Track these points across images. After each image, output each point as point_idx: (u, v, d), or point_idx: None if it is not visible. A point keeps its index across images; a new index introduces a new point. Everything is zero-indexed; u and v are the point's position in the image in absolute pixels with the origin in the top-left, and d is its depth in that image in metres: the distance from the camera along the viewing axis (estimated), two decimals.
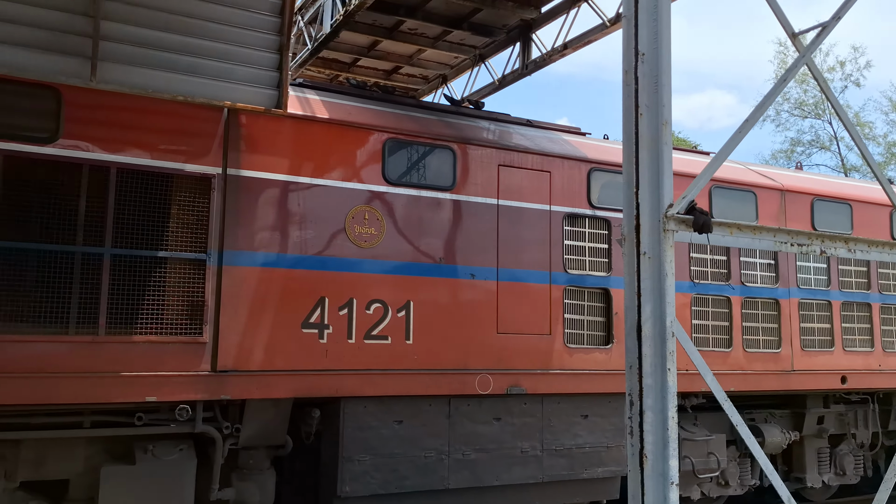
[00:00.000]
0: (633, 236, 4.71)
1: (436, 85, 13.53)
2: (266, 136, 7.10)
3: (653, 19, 4.78)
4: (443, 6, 10.65)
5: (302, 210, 7.16)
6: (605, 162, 8.88)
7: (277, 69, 6.90)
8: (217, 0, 6.68)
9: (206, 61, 6.57)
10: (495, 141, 8.36)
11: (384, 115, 7.97)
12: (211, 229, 6.69)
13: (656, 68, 4.75)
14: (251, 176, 6.97)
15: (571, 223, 8.53)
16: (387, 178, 7.60)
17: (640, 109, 4.73)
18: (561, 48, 10.57)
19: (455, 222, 7.88)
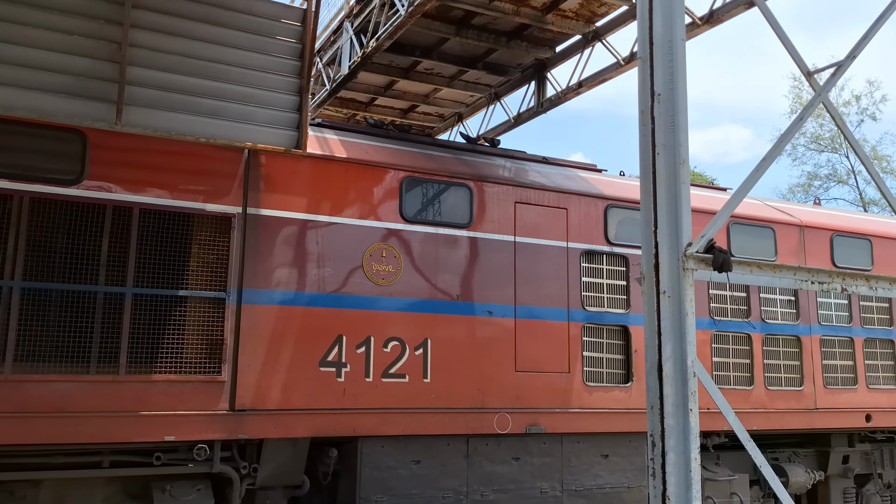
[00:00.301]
0: (652, 275, 4.71)
1: (451, 123, 13.70)
2: (285, 175, 7.20)
3: (668, 60, 4.83)
4: (458, 47, 10.85)
5: (320, 248, 7.22)
6: (622, 199, 8.91)
7: (297, 111, 7.03)
8: (239, 45, 6.85)
9: (227, 104, 6.70)
10: (512, 178, 8.43)
11: (401, 153, 8.07)
12: (230, 268, 6.76)
13: (672, 108, 4.79)
14: (270, 215, 7.05)
15: (589, 260, 8.54)
16: (404, 215, 7.66)
17: (656, 149, 4.76)
18: (576, 86, 10.69)
19: (472, 259, 7.92)
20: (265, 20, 7.02)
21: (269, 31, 7.03)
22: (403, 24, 8.73)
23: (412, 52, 10.96)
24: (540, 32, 10.40)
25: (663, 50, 4.80)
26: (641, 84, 4.92)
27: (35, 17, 6.05)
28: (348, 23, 10.23)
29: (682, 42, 4.81)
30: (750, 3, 8.29)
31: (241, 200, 6.94)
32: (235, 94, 6.77)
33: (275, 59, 7.01)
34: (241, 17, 6.92)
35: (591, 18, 9.99)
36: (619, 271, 8.69)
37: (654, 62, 4.86)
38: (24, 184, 6.17)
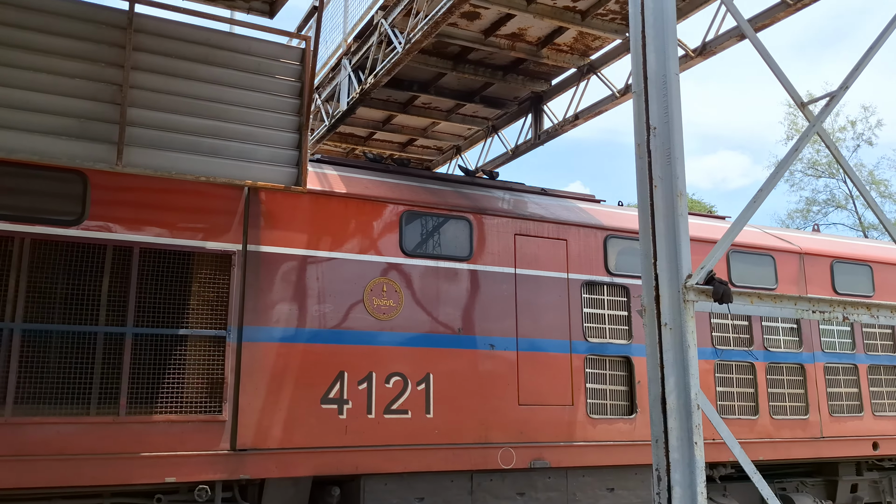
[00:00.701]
0: (653, 307, 4.72)
1: (450, 156, 13.79)
2: (285, 211, 7.24)
3: (662, 94, 4.90)
4: (455, 81, 10.97)
5: (321, 284, 7.23)
6: (621, 229, 8.95)
7: (297, 148, 7.09)
8: (239, 84, 6.93)
9: (228, 143, 6.76)
10: (511, 210, 8.48)
11: (400, 187, 8.13)
12: (231, 306, 6.76)
13: (668, 141, 4.85)
14: (271, 251, 7.07)
15: (590, 291, 8.55)
16: (404, 249, 7.68)
17: (654, 182, 4.81)
18: (572, 118, 10.79)
19: (473, 292, 7.93)
20: (264, 60, 7.10)
21: (268, 71, 7.11)
22: (401, 60, 8.84)
23: (410, 87, 11.08)
24: (535, 66, 10.52)
25: (657, 84, 4.87)
26: (637, 118, 4.98)
27: (38, 62, 6.14)
28: (346, 60, 10.36)
29: (675, 76, 4.88)
30: (741, 36, 8.42)
31: (242, 237, 6.97)
32: (235, 132, 6.83)
33: (274, 97, 7.08)
34: (241, 57, 7.00)
35: (586, 52, 10.11)
36: (620, 301, 8.68)
37: (648, 96, 4.93)
38: (25, 225, 6.20)
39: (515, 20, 9.22)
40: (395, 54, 8.86)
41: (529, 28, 9.47)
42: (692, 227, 9.35)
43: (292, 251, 7.18)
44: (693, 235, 9.03)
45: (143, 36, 6.58)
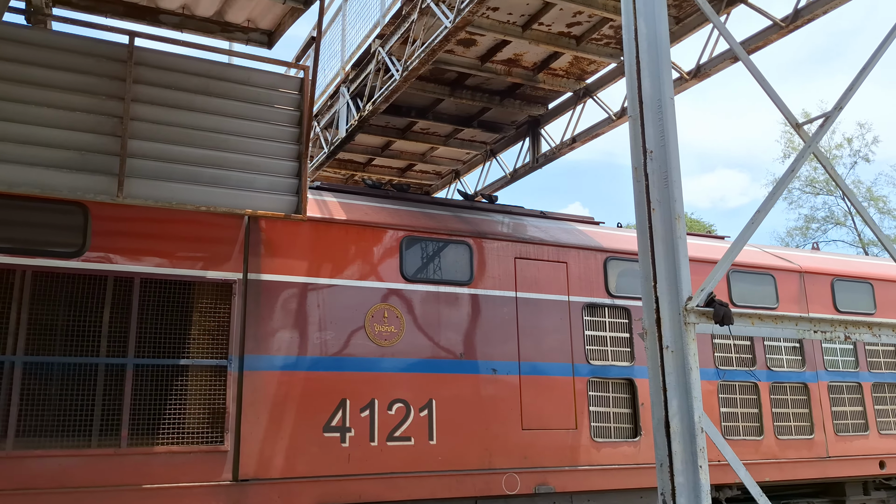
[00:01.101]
0: (654, 330, 4.72)
1: (449, 180, 13.85)
2: (285, 239, 7.26)
3: (658, 118, 4.94)
4: (452, 107, 11.06)
5: (322, 311, 7.23)
6: (621, 251, 8.97)
7: (297, 176, 7.12)
8: (238, 115, 6.99)
9: (228, 172, 6.80)
10: (511, 234, 8.50)
11: (400, 213, 8.16)
12: (232, 335, 6.74)
13: (665, 164, 4.88)
14: (271, 280, 7.08)
15: (591, 313, 8.55)
16: (405, 275, 7.70)
17: (651, 205, 4.83)
18: (570, 142, 10.86)
19: (474, 317, 7.93)
20: (263, 90, 7.16)
21: (267, 101, 7.17)
22: (399, 87, 8.93)
23: (408, 113, 11.18)
24: (532, 90, 10.62)
25: (653, 108, 4.92)
26: (633, 141, 5.02)
27: (39, 96, 6.20)
28: (344, 88, 10.46)
29: (670, 100, 4.93)
30: (735, 58, 8.50)
31: (242, 266, 6.98)
32: (235, 162, 6.87)
33: (274, 126, 7.13)
34: (240, 87, 7.07)
35: (582, 76, 10.21)
36: (621, 323, 8.68)
37: (644, 120, 4.97)
38: (26, 258, 6.22)
39: (511, 46, 9.33)
40: (392, 81, 8.95)
41: (525, 53, 9.58)
42: (691, 248, 9.37)
43: (293, 279, 7.19)
44: (692, 256, 9.05)
45: (143, 68, 6.65)
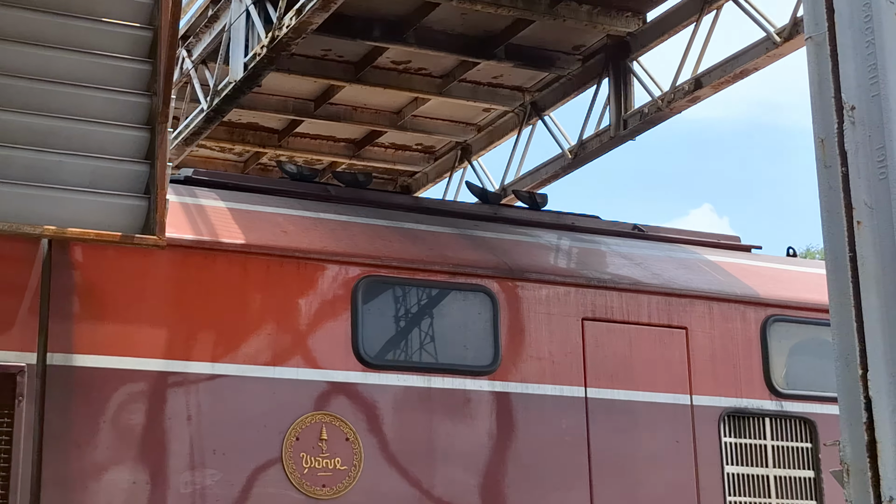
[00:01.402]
0: (864, 465, 4.67)
1: (448, 164, 13.85)
2: (124, 284, 7.26)
3: (866, 40, 4.92)
4: (455, 18, 11.07)
5: (195, 428, 7.21)
6: (797, 303, 9.02)
7: (146, 159, 7.13)
8: (29, 36, 7.01)
9: (4, 151, 6.80)
10: (574, 271, 8.53)
11: (351, 230, 8.18)
12: (14, 477, 6.71)
13: (880, 131, 4.85)
14: (94, 366, 7.07)
15: (737, 429, 8.58)
16: (362, 354, 7.70)
17: (855, 213, 4.81)
18: (690, 86, 10.86)
19: (502, 436, 7.96)
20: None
21: (86, 8, 7.19)
22: None
23: (367, 32, 11.16)
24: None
25: (856, 22, 4.90)
26: (814, 88, 5.01)
27: None
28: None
29: (890, 5, 4.91)
30: None
31: (36, 338, 6.97)
32: (20, 130, 6.87)
33: (98, 60, 7.16)
34: None
35: None
36: (798, 450, 8.72)
37: (837, 45, 4.96)
38: None
39: None
40: None
41: None
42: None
43: (138, 363, 7.19)
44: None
45: None
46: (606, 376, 8.30)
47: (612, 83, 11.63)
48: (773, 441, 8.64)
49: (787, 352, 8.85)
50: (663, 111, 11.16)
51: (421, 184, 14.27)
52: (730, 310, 8.74)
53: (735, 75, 10.57)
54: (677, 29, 11.07)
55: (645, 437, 8.29)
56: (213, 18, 11.26)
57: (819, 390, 8.77)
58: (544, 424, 8.06)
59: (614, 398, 8.27)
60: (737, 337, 8.69)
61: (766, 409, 8.64)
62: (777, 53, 10.14)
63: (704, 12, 10.69)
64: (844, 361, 4.74)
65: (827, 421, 8.67)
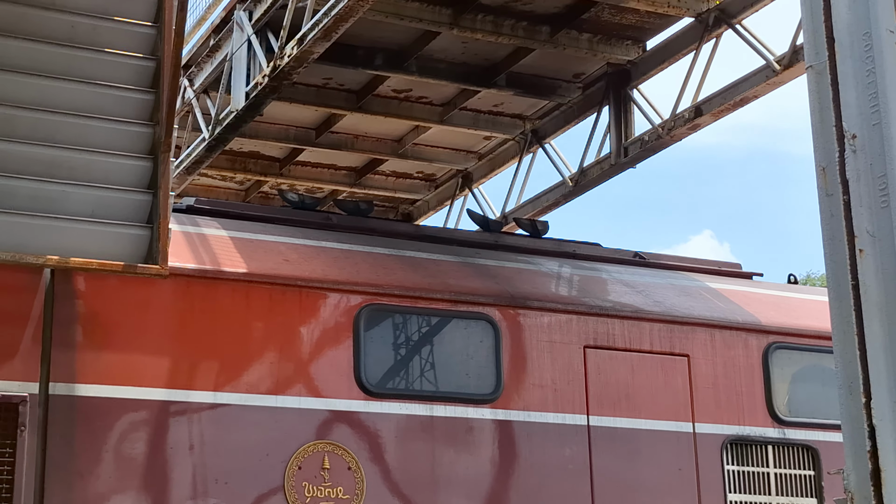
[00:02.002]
0: (868, 492, 4.67)
1: (449, 192, 13.86)
2: (126, 314, 7.27)
3: (866, 69, 4.94)
4: (456, 47, 11.13)
5: (197, 456, 7.22)
6: (798, 331, 9.02)
7: (149, 188, 7.15)
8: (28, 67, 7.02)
9: (9, 181, 6.82)
10: (576, 299, 8.54)
11: (354, 258, 8.20)
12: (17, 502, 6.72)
13: (881, 161, 4.86)
14: (97, 396, 7.07)
15: (739, 457, 8.57)
16: (364, 383, 7.71)
17: (856, 242, 4.82)
18: (690, 114, 10.88)
19: (505, 465, 7.96)
20: (82, 18, 7.22)
21: (89, 40, 7.23)
22: (353, 8, 8.94)
23: (368, 61, 11.21)
24: (613, 14, 10.67)
25: (856, 51, 4.92)
26: (815, 116, 5.02)
27: None
28: (243, 13, 10.51)
29: (889, 34, 4.93)
30: None
31: (38, 368, 6.98)
32: (25, 160, 6.89)
33: (101, 91, 7.18)
34: (33, 13, 7.12)
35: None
36: (802, 478, 8.70)
37: (838, 73, 4.98)
38: None
39: None
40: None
41: None
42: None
43: (140, 392, 7.19)
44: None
45: None
46: (609, 404, 8.29)
47: (612, 111, 11.65)
48: (777, 469, 8.63)
49: (790, 379, 8.86)
50: (664, 139, 11.19)
51: (422, 212, 14.28)
52: (732, 337, 8.75)
53: (735, 103, 10.60)
54: (677, 57, 11.11)
55: (648, 465, 8.27)
56: (214, 48, 11.29)
57: (822, 418, 8.77)
58: (547, 453, 8.05)
59: (617, 426, 8.26)
60: (739, 364, 8.70)
61: (768, 437, 8.63)
62: (777, 81, 10.18)
63: (704, 40, 10.73)
64: (848, 389, 4.74)
65: (830, 449, 8.67)
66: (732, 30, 10.50)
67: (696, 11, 10.49)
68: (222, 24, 11.14)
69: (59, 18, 7.24)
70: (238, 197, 13.95)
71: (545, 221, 10.14)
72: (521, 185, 13.07)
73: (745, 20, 10.45)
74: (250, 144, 12.66)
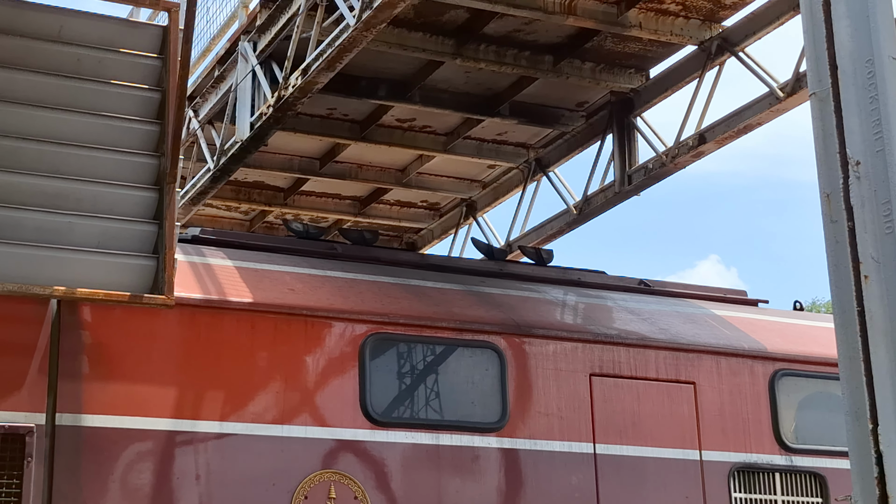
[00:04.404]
0: None
1: (453, 221, 13.85)
2: (132, 344, 7.30)
3: (869, 96, 4.95)
4: (459, 77, 11.14)
5: (203, 487, 7.23)
6: (804, 358, 9.03)
7: (155, 219, 7.17)
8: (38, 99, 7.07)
9: (17, 213, 6.84)
10: (582, 327, 8.55)
11: (359, 287, 8.22)
12: None
13: (885, 186, 4.87)
14: (102, 426, 7.08)
15: (747, 485, 8.57)
16: (370, 413, 7.71)
17: (862, 268, 4.82)
18: (694, 141, 10.89)
19: (511, 493, 7.96)
20: (90, 51, 7.29)
21: (96, 72, 7.29)
22: (356, 40, 8.96)
23: (373, 91, 11.23)
24: (616, 43, 10.70)
25: (858, 78, 4.93)
26: (819, 143, 5.03)
27: None
28: (247, 44, 10.54)
29: (892, 62, 4.95)
30: None
31: (45, 399, 6.99)
32: (32, 192, 6.92)
33: (108, 123, 7.23)
34: (43, 48, 7.17)
35: (713, 14, 10.30)
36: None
37: (841, 100, 4.99)
38: None
39: None
40: (344, 29, 9.00)
41: None
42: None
43: (147, 423, 7.21)
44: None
45: None
46: (615, 432, 8.29)
47: (616, 139, 11.65)
48: (784, 496, 8.61)
49: (796, 406, 8.85)
50: (667, 166, 11.18)
51: (426, 240, 14.26)
52: (738, 364, 8.76)
53: (739, 130, 10.60)
54: (680, 85, 11.11)
55: (655, 494, 8.28)
56: (219, 79, 11.31)
57: (829, 444, 8.76)
58: (553, 481, 8.05)
59: (623, 454, 8.27)
60: (745, 391, 8.70)
61: (775, 464, 8.62)
62: (780, 108, 10.18)
63: (707, 68, 10.74)
64: (854, 416, 4.73)
65: (837, 475, 8.64)
66: (735, 57, 10.52)
67: (698, 39, 10.51)
68: (227, 55, 11.16)
69: (65, 51, 7.32)
70: (243, 227, 13.94)
71: (550, 250, 10.15)
72: (526, 214, 13.05)
73: (748, 48, 10.47)
74: (255, 174, 12.66)
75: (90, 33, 7.37)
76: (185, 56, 7.24)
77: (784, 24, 10.16)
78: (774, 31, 10.32)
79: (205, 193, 11.65)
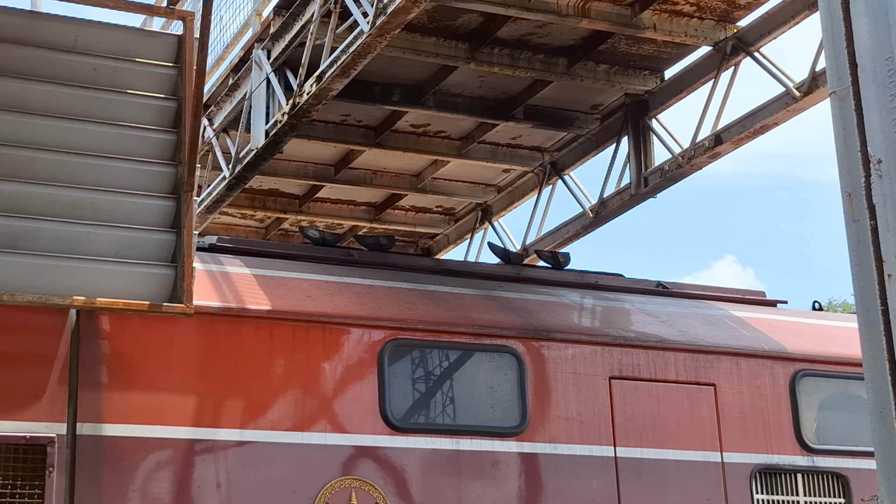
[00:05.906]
0: None
1: (469, 226, 13.85)
2: (151, 353, 7.31)
3: (890, 94, 4.93)
4: (473, 81, 11.17)
5: (226, 496, 7.23)
6: (825, 358, 8.99)
7: (172, 227, 7.18)
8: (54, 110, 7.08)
9: (31, 223, 6.85)
10: (600, 330, 8.54)
11: (376, 294, 8.22)
12: None
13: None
14: (123, 435, 7.09)
15: (768, 486, 8.54)
16: (389, 417, 7.70)
17: (885, 267, 4.79)
18: (711, 142, 10.87)
19: (532, 498, 7.93)
20: (105, 61, 7.30)
21: (111, 81, 7.30)
22: (370, 46, 8.97)
23: (386, 96, 11.25)
24: (629, 45, 10.71)
25: (878, 76, 4.91)
26: (840, 142, 5.00)
27: None
28: (261, 52, 10.56)
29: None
30: None
31: (66, 409, 6.99)
32: (49, 202, 6.94)
33: (124, 133, 7.24)
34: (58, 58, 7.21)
35: (727, 14, 10.30)
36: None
37: (861, 99, 4.97)
38: None
39: None
40: (358, 35, 9.01)
41: None
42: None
43: (166, 431, 7.21)
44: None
45: None
46: (635, 435, 8.28)
47: (631, 141, 11.64)
48: (806, 497, 8.58)
49: (817, 406, 8.82)
50: (684, 168, 11.17)
51: (442, 246, 14.27)
52: (758, 366, 8.74)
53: (755, 130, 10.58)
54: (696, 86, 11.10)
55: (676, 496, 8.26)
56: (233, 87, 11.34)
57: (851, 445, 8.73)
58: (574, 485, 8.04)
59: (644, 457, 8.25)
60: (766, 393, 8.67)
61: (797, 465, 8.60)
62: (797, 108, 10.16)
63: (722, 69, 10.73)
64: (879, 416, 4.69)
65: (860, 476, 8.63)
66: (751, 57, 10.51)
67: (713, 40, 10.51)
68: (241, 63, 11.19)
69: (81, 61, 7.34)
70: (258, 235, 13.98)
71: (566, 253, 10.14)
72: (542, 217, 13.06)
73: (764, 47, 10.46)
74: (270, 182, 12.69)
75: (105, 43, 7.39)
76: (201, 64, 7.25)
77: (799, 24, 10.16)
78: (789, 31, 10.31)
79: (220, 201, 11.67)
